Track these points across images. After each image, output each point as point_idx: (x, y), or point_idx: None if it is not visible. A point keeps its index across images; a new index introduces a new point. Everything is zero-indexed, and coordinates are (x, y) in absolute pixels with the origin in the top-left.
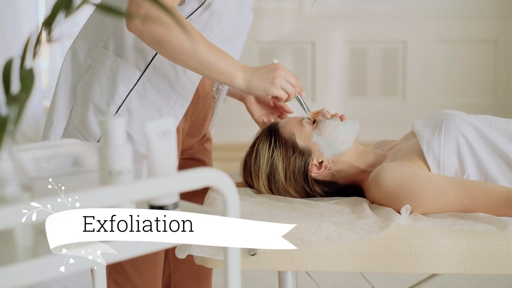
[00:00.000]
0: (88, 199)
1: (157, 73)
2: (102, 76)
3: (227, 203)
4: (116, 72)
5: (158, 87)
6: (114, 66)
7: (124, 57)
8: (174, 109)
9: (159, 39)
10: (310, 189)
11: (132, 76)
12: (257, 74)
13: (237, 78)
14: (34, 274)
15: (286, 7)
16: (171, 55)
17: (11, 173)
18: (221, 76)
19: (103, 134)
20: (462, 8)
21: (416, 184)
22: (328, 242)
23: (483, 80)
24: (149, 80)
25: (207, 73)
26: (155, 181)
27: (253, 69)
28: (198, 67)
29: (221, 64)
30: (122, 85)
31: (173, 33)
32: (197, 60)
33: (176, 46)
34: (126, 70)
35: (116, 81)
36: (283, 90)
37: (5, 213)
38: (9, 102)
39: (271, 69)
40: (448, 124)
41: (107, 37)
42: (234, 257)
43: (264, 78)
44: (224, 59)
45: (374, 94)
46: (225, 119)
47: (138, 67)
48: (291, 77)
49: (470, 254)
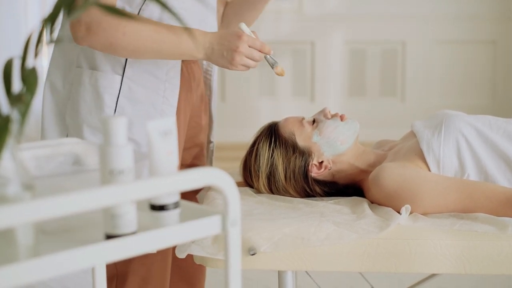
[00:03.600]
0: (89, 199)
1: (136, 70)
2: (85, 95)
3: (228, 202)
4: (97, 85)
5: (143, 83)
6: (93, 80)
7: (99, 67)
8: (167, 98)
9: (107, 44)
10: (310, 189)
11: (113, 83)
12: (217, 50)
13: (198, 54)
14: (34, 273)
15: (285, 7)
16: (125, 55)
17: (13, 172)
18: (182, 57)
19: (104, 133)
20: (461, 9)
21: (416, 184)
22: (328, 242)
23: (482, 81)
24: (131, 80)
25: (169, 58)
26: (156, 181)
27: (214, 43)
28: (157, 56)
29: (178, 47)
30: (107, 95)
31: (118, 34)
32: (153, 53)
33: (125, 46)
34: (106, 79)
35: (99, 93)
36: (244, 65)
37: (7, 212)
38: (12, 102)
39: (232, 48)
40: (448, 124)
41: (77, 56)
42: (234, 257)
43: (224, 56)
44: (181, 40)
45: (374, 94)
46: (225, 119)
47: (116, 72)
48: (254, 52)
49: (470, 254)
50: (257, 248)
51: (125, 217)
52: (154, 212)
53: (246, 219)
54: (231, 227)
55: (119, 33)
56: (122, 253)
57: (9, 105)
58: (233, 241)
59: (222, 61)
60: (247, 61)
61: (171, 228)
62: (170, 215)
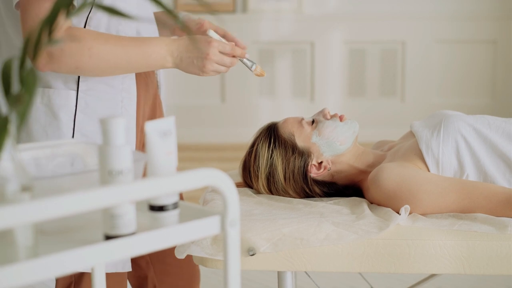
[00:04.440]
0: (88, 199)
1: (90, 82)
2: (38, 116)
3: (227, 203)
4: (50, 104)
5: (99, 95)
6: (45, 99)
7: (51, 84)
8: (126, 108)
9: (74, 68)
10: (309, 189)
11: (68, 99)
12: (186, 58)
13: (166, 64)
14: (34, 274)
15: (285, 7)
16: (93, 75)
17: (12, 173)
18: (150, 69)
19: (103, 134)
20: (461, 9)
21: (415, 185)
22: (327, 242)
23: (482, 80)
24: (87, 94)
25: (138, 71)
26: (155, 181)
27: (182, 51)
28: (126, 72)
29: (145, 60)
30: (63, 113)
31: (83, 58)
32: (122, 69)
33: (93, 69)
34: (60, 96)
35: (54, 112)
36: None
37: (6, 213)
38: (11, 102)
39: (201, 55)
40: (447, 124)
41: None
42: (234, 257)
43: (194, 64)
44: (148, 52)
45: (373, 94)
46: (224, 119)
47: (70, 87)
48: (224, 58)
49: (469, 255)
50: (256, 248)
51: (124, 218)
52: (153, 213)
53: (245, 220)
54: (230, 228)
55: (85, 56)
56: (121, 253)
57: (8, 106)
58: (232, 242)
59: (192, 68)
60: (218, 67)
61: (170, 228)
62: (169, 216)
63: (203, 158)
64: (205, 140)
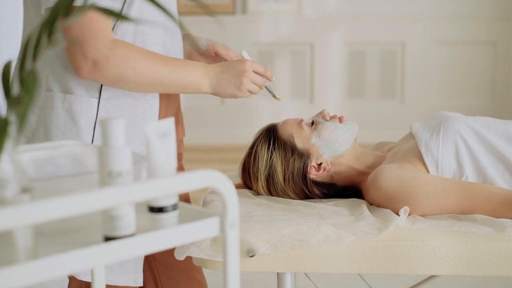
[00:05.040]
0: (88, 201)
1: (113, 92)
2: (57, 121)
3: (226, 205)
4: (71, 110)
5: (121, 105)
6: (66, 104)
7: (73, 90)
8: (146, 120)
9: (116, 79)
10: (308, 190)
11: (90, 107)
12: (222, 80)
13: (203, 86)
14: (33, 275)
15: (284, 8)
16: (131, 88)
17: (12, 175)
18: (187, 90)
19: (103, 135)
20: (461, 10)
21: (414, 186)
22: (326, 244)
23: (481, 82)
24: (108, 103)
25: (173, 90)
26: (154, 183)
27: (218, 72)
28: (162, 90)
29: (183, 78)
30: (83, 120)
31: (128, 69)
32: (160, 85)
33: (135, 81)
34: (81, 103)
35: (75, 119)
36: (249, 91)
37: (5, 215)
38: (11, 104)
39: (238, 73)
40: (447, 126)
41: (46, 78)
42: (233, 259)
43: (231, 83)
44: (186, 72)
45: (373, 96)
46: (224, 120)
47: (92, 95)
48: (257, 77)
49: (468, 256)
50: (256, 250)
51: (124, 219)
52: (152, 214)
53: (245, 221)
54: (230, 229)
55: (130, 69)
56: (120, 255)
57: (8, 107)
58: (231, 243)
59: (230, 88)
60: (253, 87)
61: (170, 230)
62: (169, 217)
63: (203, 159)
64: (204, 141)
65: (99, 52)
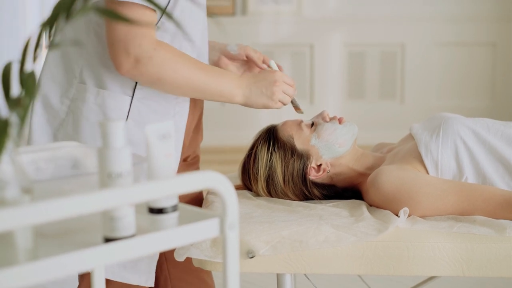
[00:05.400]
0: (88, 202)
1: (146, 91)
2: (88, 114)
3: (226, 205)
4: (104, 105)
5: (153, 105)
6: (99, 99)
7: (107, 86)
8: (176, 122)
9: (155, 79)
10: (308, 192)
11: (122, 104)
12: (255, 89)
13: (236, 96)
14: (33, 276)
15: (284, 10)
16: (168, 90)
17: (12, 176)
18: (220, 98)
19: (103, 137)
20: (460, 11)
21: (414, 187)
22: (326, 245)
23: (481, 83)
24: (141, 102)
25: (206, 97)
26: (154, 184)
27: (251, 83)
28: (196, 95)
29: (219, 86)
30: (114, 117)
31: (169, 71)
32: (196, 90)
33: (173, 83)
34: (114, 100)
35: (106, 114)
36: (281, 101)
37: (6, 216)
38: (11, 105)
39: (270, 83)
40: (446, 127)
41: (80, 71)
42: (233, 260)
43: (263, 93)
44: (221, 80)
45: (373, 97)
46: (223, 121)
47: (126, 92)
48: (289, 87)
49: (468, 257)
50: (255, 251)
51: (124, 220)
52: (152, 215)
53: (244, 222)
54: (229, 230)
55: (170, 69)
56: (120, 256)
57: (8, 108)
58: (231, 244)
59: (262, 99)
60: (284, 97)
61: (170, 231)
62: (169, 218)
63: (203, 160)
64: (204, 142)
65: (143, 50)
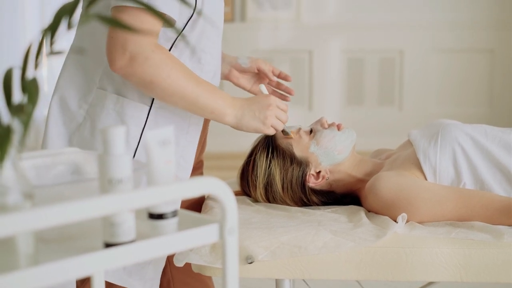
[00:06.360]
0: (88, 207)
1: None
2: (106, 120)
3: (225, 211)
4: (122, 113)
5: (169, 116)
6: (118, 106)
7: (126, 94)
8: (190, 134)
9: (147, 81)
10: (307, 199)
11: (140, 113)
12: (248, 112)
13: (227, 116)
14: (34, 281)
15: (283, 16)
16: (158, 96)
17: (13, 182)
18: (210, 114)
19: (103, 143)
20: (459, 18)
21: (412, 193)
22: (325, 250)
23: (479, 89)
24: (158, 113)
25: (196, 111)
26: (154, 190)
27: (244, 104)
28: (186, 107)
29: (211, 102)
30: (132, 125)
31: (162, 74)
32: (186, 101)
33: (165, 88)
34: (133, 108)
35: (124, 121)
36: (273, 126)
37: (7, 221)
38: (13, 112)
39: (263, 107)
40: (444, 134)
41: (99, 76)
42: (232, 265)
43: (256, 117)
44: (214, 96)
45: (371, 103)
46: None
47: (144, 102)
48: (282, 113)
49: (466, 263)
50: (254, 256)
51: (124, 226)
52: (152, 221)
53: (243, 228)
54: (229, 236)
55: (164, 74)
56: (120, 261)
57: (10, 115)
58: (230, 250)
59: (254, 122)
60: (277, 122)
61: (169, 236)
62: (168, 224)
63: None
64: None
65: (141, 49)
